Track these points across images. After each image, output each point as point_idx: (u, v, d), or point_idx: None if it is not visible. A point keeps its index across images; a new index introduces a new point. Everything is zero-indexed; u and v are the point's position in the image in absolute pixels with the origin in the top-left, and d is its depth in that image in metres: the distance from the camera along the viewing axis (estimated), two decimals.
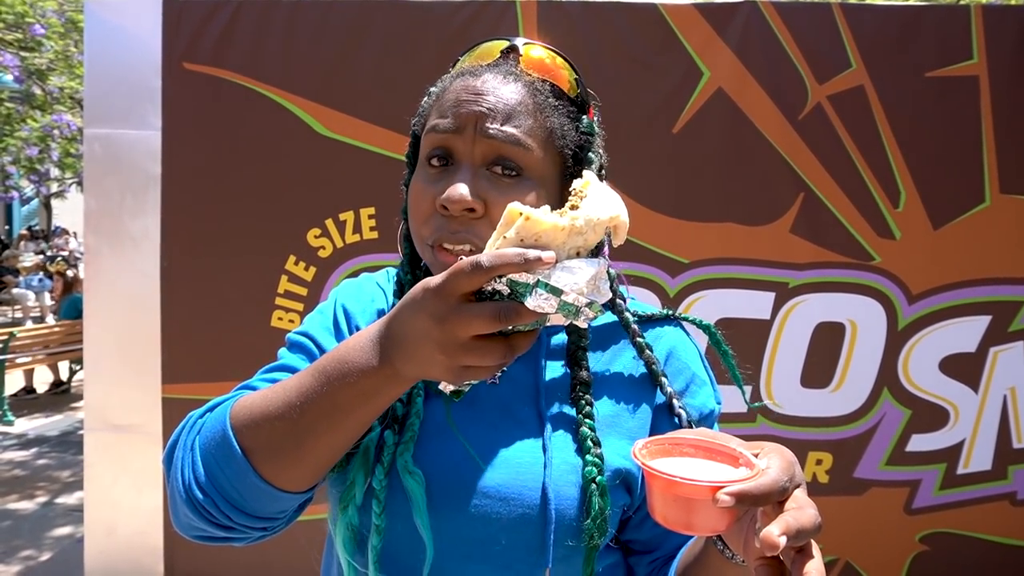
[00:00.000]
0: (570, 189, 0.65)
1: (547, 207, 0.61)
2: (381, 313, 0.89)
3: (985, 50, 2.54)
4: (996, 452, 2.71)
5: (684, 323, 0.91)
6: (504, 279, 0.58)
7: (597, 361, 0.85)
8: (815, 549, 0.54)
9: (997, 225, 2.61)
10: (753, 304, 2.66)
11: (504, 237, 0.60)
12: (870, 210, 2.61)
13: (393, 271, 0.95)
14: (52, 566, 3.55)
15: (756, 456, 0.60)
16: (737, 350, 0.90)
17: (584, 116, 0.86)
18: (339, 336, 0.86)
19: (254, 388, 0.80)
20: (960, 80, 2.56)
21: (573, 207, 0.62)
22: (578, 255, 0.61)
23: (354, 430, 0.69)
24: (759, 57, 2.58)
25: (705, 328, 0.89)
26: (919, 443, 2.71)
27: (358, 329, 0.86)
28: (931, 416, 2.70)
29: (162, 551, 2.81)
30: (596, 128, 0.87)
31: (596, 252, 0.64)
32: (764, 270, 2.64)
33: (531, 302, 0.58)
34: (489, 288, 0.59)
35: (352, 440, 0.71)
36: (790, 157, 2.60)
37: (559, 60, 0.85)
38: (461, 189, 0.75)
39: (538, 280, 0.58)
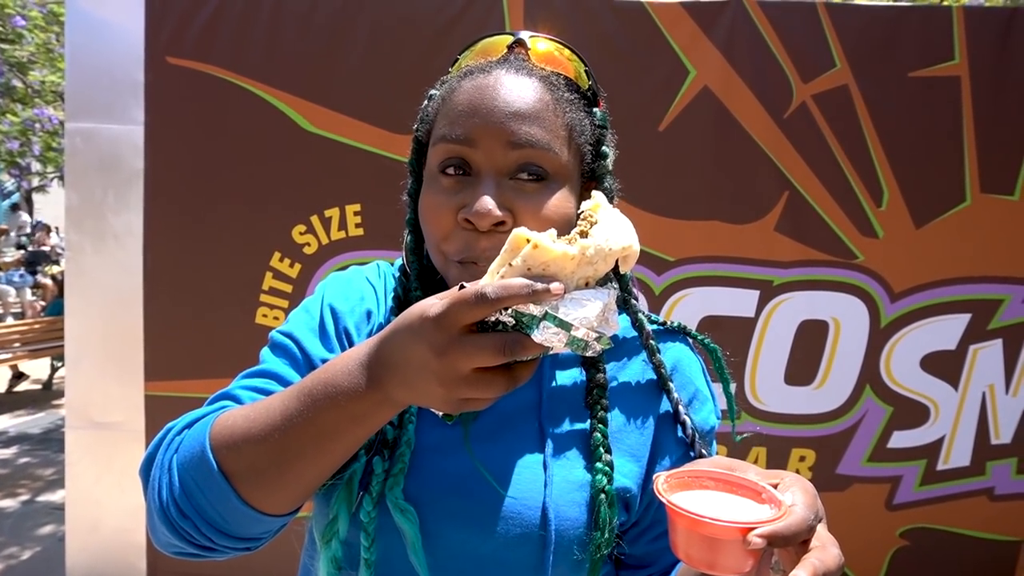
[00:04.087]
0: (578, 212, 0.61)
1: (554, 231, 0.58)
2: (370, 313, 0.85)
3: (966, 51, 2.56)
4: (975, 448, 2.75)
5: (689, 339, 0.88)
6: (510, 309, 0.54)
7: (607, 368, 0.82)
8: None
9: (977, 224, 2.63)
10: (738, 302, 2.67)
11: (510, 265, 0.56)
12: (853, 209, 2.63)
13: (386, 265, 0.91)
14: (34, 564, 3.52)
15: (775, 487, 0.58)
16: (722, 348, 0.90)
17: (596, 108, 0.82)
18: (324, 338, 0.82)
19: (234, 396, 0.77)
20: (942, 80, 2.59)
21: (583, 233, 0.58)
22: (587, 285, 0.58)
23: (341, 454, 0.66)
24: (745, 56, 2.59)
25: (712, 351, 0.88)
26: (900, 440, 2.74)
27: (346, 330, 0.83)
28: (912, 413, 2.73)
29: (144, 549, 2.79)
30: (607, 120, 0.83)
31: (604, 280, 0.61)
32: (749, 268, 2.66)
33: (538, 336, 0.55)
34: (492, 318, 0.55)
35: (339, 463, 0.67)
36: (775, 156, 2.61)
37: (567, 52, 0.80)
38: (488, 204, 0.70)
39: (546, 313, 0.54)
